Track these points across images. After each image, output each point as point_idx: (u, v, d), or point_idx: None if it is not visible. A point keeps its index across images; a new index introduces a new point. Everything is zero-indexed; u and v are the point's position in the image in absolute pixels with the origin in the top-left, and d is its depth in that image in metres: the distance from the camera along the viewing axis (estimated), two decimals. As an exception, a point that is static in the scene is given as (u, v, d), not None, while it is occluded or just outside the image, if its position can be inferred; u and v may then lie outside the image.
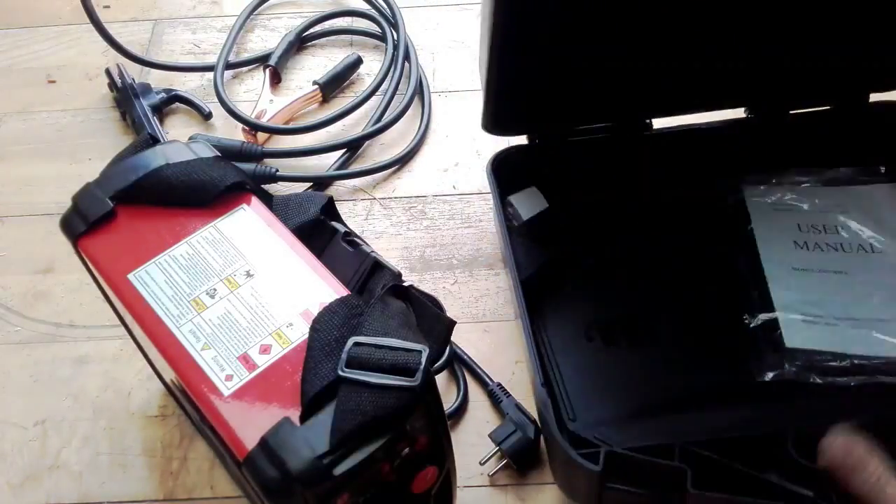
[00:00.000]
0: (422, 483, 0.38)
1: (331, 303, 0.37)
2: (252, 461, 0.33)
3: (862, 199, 0.57)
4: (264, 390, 0.35)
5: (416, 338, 0.36)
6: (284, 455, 0.32)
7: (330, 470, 0.32)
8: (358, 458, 0.33)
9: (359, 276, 0.40)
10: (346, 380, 0.33)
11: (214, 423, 0.35)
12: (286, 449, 0.32)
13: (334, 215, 0.43)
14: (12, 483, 0.53)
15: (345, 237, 0.41)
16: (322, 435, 0.33)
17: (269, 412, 0.34)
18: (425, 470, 0.38)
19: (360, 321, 0.36)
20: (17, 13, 0.82)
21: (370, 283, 0.39)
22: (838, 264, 0.54)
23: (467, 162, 0.68)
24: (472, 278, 0.61)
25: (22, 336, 0.60)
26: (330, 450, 0.32)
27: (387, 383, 0.33)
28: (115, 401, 0.56)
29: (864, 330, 0.51)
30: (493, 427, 0.52)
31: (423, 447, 0.36)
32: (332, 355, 0.34)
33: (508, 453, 0.51)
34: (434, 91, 0.73)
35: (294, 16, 0.80)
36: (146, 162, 0.42)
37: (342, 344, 0.34)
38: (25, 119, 0.73)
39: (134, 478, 0.53)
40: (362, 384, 0.33)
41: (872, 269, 0.54)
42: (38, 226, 0.66)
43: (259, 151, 0.67)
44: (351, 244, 0.41)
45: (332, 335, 0.35)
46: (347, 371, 0.33)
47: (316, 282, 0.38)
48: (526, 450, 0.51)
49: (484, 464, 0.51)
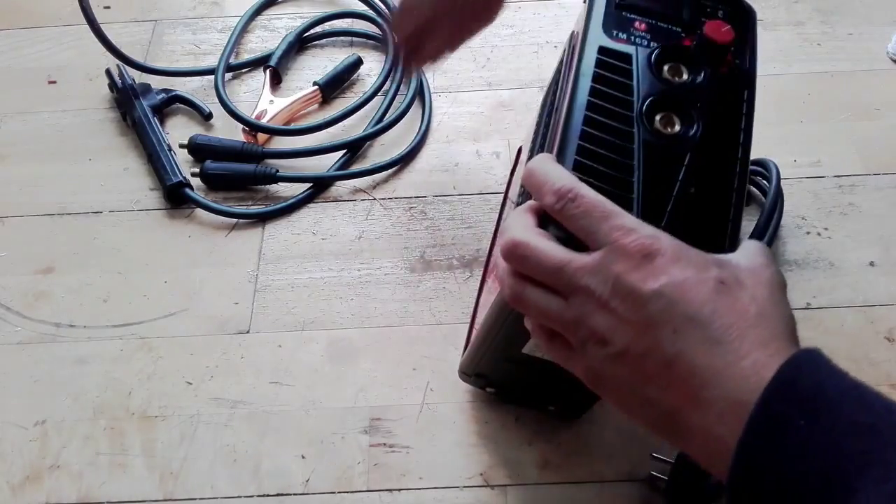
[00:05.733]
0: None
1: None
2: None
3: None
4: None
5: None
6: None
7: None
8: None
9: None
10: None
11: None
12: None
13: None
14: (12, 483, 0.53)
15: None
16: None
17: None
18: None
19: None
20: (18, 14, 0.82)
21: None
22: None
23: (467, 162, 0.68)
24: (472, 278, 0.61)
25: (22, 336, 0.60)
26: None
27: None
28: (115, 401, 0.56)
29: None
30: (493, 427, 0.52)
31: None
32: None
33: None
34: (434, 91, 0.73)
35: (294, 17, 0.80)
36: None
37: None
38: (25, 119, 0.73)
39: (134, 478, 0.53)
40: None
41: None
42: (38, 226, 0.66)
43: (259, 152, 0.67)
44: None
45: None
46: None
47: None
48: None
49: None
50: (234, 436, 0.54)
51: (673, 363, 0.33)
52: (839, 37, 0.76)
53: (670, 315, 0.33)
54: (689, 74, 0.39)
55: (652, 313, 0.33)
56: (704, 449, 0.33)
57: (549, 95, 0.51)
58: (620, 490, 0.52)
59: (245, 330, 0.59)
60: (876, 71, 0.73)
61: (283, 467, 0.53)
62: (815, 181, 0.66)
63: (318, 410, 0.55)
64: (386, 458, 0.53)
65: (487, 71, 0.75)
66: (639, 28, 0.40)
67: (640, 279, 0.33)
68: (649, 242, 0.34)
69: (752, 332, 0.32)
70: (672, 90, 0.39)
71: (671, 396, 0.33)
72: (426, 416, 0.55)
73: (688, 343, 0.32)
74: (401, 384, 0.56)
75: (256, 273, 0.62)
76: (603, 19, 0.41)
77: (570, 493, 0.51)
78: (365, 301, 0.61)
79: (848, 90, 0.72)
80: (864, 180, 0.66)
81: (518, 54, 0.76)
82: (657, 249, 0.34)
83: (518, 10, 0.79)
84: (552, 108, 0.46)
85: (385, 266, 0.62)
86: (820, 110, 0.71)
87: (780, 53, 0.75)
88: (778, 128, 0.70)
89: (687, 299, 0.33)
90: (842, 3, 0.79)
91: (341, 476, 0.52)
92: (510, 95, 0.73)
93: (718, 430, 0.32)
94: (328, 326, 0.59)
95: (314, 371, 0.57)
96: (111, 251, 0.64)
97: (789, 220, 0.63)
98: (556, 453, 0.53)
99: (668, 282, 0.33)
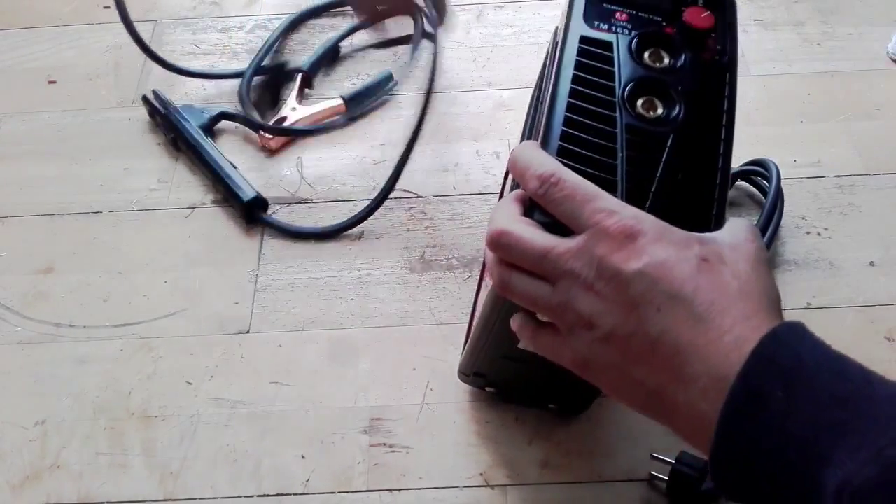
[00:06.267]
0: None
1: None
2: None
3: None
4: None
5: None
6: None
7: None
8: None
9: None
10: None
11: None
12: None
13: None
14: (12, 483, 0.53)
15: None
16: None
17: None
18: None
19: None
20: (18, 14, 0.82)
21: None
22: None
23: (467, 162, 0.69)
24: (472, 278, 0.61)
25: (22, 336, 0.60)
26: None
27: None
28: (115, 401, 0.56)
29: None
30: (493, 427, 0.52)
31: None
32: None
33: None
34: (435, 91, 0.73)
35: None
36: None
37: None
38: (25, 119, 0.73)
39: (134, 478, 0.53)
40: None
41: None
42: (38, 226, 0.66)
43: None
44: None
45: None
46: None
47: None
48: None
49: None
50: (234, 436, 0.54)
51: (657, 342, 0.33)
52: (839, 37, 0.76)
53: (653, 294, 0.33)
54: (670, 60, 0.40)
55: (635, 294, 0.33)
56: (689, 425, 0.33)
57: (535, 91, 0.52)
58: (620, 490, 0.52)
59: (245, 330, 0.59)
60: (876, 71, 0.73)
61: (283, 467, 0.53)
62: (815, 181, 0.66)
63: (318, 410, 0.55)
64: (386, 458, 0.53)
65: (487, 71, 0.75)
66: (620, 18, 0.41)
67: (622, 260, 0.34)
68: (631, 223, 0.34)
69: (734, 308, 0.32)
70: (653, 75, 0.39)
71: (657, 375, 0.34)
72: (426, 416, 0.55)
73: (671, 321, 0.33)
74: (401, 384, 0.56)
75: (256, 273, 0.62)
76: (584, 11, 0.42)
77: (570, 492, 0.51)
78: (365, 301, 0.61)
79: (848, 90, 0.72)
80: (864, 180, 0.66)
81: (518, 54, 0.76)
82: (639, 230, 0.34)
83: (518, 10, 0.79)
84: (538, 101, 0.47)
85: (385, 266, 0.62)
86: (820, 110, 0.71)
87: (780, 53, 0.75)
88: (778, 128, 0.70)
89: (669, 278, 0.33)
90: (842, 3, 0.79)
91: (341, 476, 0.52)
92: (510, 95, 0.73)
93: (702, 406, 0.32)
94: (328, 326, 0.59)
95: (314, 371, 0.57)
96: (111, 251, 0.64)
97: (789, 220, 0.63)
98: (556, 453, 0.53)
99: (650, 261, 0.33)
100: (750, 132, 0.69)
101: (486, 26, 0.78)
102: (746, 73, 0.74)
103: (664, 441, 0.52)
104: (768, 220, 0.60)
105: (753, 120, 0.70)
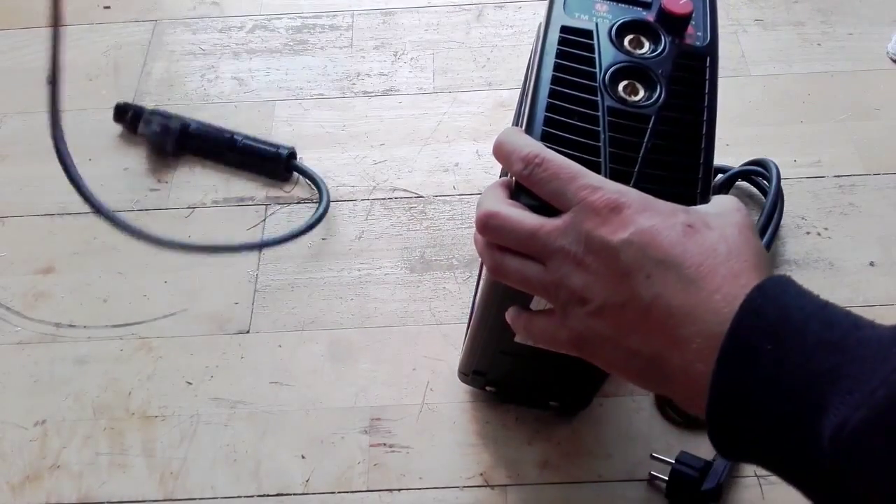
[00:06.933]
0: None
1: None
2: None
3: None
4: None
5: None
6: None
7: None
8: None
9: None
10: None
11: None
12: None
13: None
14: (12, 483, 0.53)
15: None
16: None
17: None
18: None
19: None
20: (18, 14, 0.82)
21: None
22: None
23: (467, 162, 0.69)
24: (472, 278, 0.61)
25: (22, 336, 0.60)
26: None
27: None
28: (115, 401, 0.56)
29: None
30: (493, 427, 0.52)
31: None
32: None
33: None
34: (434, 91, 0.73)
35: (294, 17, 0.80)
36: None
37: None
38: (25, 119, 0.73)
39: (134, 478, 0.53)
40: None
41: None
42: (38, 226, 0.66)
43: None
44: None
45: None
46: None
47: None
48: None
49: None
50: (234, 436, 0.54)
51: (650, 308, 0.33)
52: (839, 37, 0.76)
53: (642, 262, 0.33)
54: (650, 45, 0.41)
55: (624, 263, 0.34)
56: (688, 389, 0.33)
57: (522, 86, 0.52)
58: (620, 490, 0.52)
59: (245, 330, 0.59)
60: (876, 71, 0.73)
61: (283, 467, 0.53)
62: (815, 181, 0.66)
63: (318, 410, 0.55)
64: (386, 458, 0.53)
65: (487, 71, 0.75)
66: (600, 10, 0.42)
67: (609, 232, 0.34)
68: (615, 197, 0.34)
69: (722, 268, 0.33)
70: (634, 60, 0.40)
71: (652, 342, 0.34)
72: (426, 416, 0.55)
73: (662, 286, 0.33)
74: (401, 384, 0.56)
75: (256, 273, 0.62)
76: (564, 3, 0.42)
77: (570, 493, 0.52)
78: (365, 301, 0.61)
79: (848, 90, 0.72)
80: (864, 180, 0.66)
81: (518, 54, 0.76)
82: (623, 202, 0.34)
83: (518, 11, 0.79)
84: (523, 93, 0.47)
85: (385, 266, 0.62)
86: (820, 110, 0.71)
87: (780, 53, 0.75)
88: (778, 128, 0.70)
89: (656, 244, 0.33)
90: (842, 3, 0.79)
91: (341, 476, 0.52)
92: (510, 95, 0.73)
93: (697, 367, 0.32)
94: (328, 326, 0.59)
95: (314, 371, 0.57)
96: (111, 251, 0.64)
97: (789, 220, 0.63)
98: (556, 453, 0.53)
99: (636, 230, 0.34)
100: (750, 132, 0.69)
101: (486, 26, 0.78)
102: (746, 74, 0.74)
103: (664, 441, 0.52)
104: (768, 220, 0.60)
105: (753, 120, 0.70)
